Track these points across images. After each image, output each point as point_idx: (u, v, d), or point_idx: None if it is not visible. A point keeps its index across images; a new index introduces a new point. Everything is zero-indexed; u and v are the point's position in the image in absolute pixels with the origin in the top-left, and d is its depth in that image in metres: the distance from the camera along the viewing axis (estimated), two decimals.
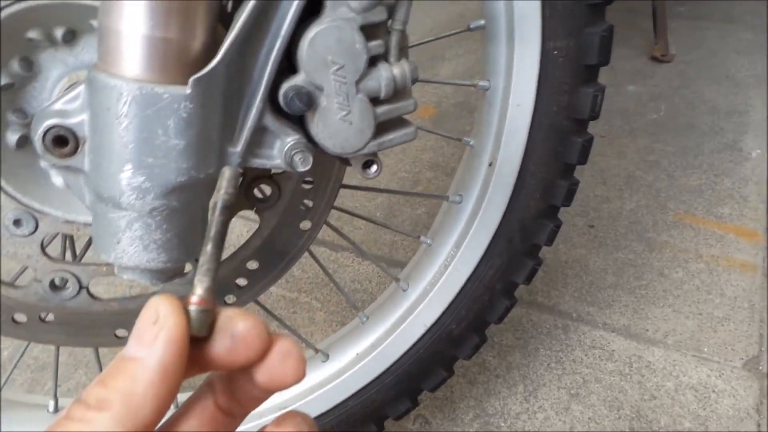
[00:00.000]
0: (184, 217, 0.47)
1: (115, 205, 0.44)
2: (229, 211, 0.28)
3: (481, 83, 0.70)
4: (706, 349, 1.05)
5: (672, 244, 1.25)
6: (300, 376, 0.28)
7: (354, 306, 0.81)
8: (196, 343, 0.26)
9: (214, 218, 0.27)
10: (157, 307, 0.25)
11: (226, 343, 0.26)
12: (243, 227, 1.34)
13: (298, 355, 0.28)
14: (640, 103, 1.72)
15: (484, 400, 1.00)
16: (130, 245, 0.45)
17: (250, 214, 1.35)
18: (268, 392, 0.29)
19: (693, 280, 1.17)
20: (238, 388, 0.29)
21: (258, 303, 0.70)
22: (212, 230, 0.27)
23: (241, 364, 0.27)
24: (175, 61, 0.43)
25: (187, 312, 0.26)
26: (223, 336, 0.27)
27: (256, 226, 0.61)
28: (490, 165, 0.72)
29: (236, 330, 0.26)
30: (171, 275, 0.51)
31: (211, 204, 0.28)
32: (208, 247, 0.27)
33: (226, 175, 0.28)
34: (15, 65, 0.52)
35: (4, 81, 0.52)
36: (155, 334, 0.25)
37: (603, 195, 1.39)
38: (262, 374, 0.27)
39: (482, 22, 0.67)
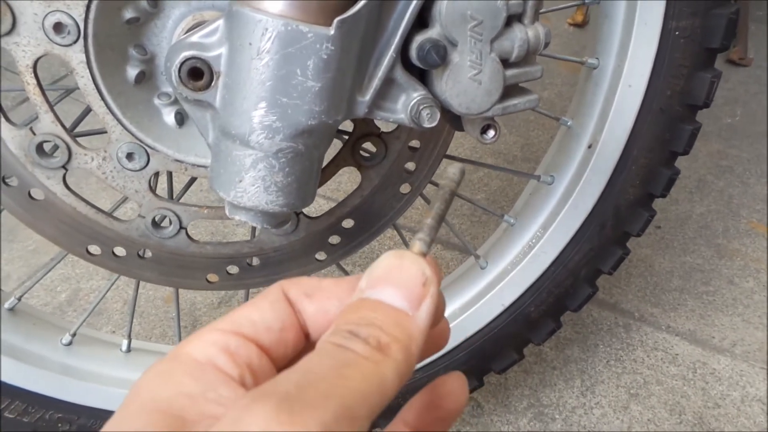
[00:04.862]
0: (306, 162, 0.46)
1: (243, 142, 0.44)
2: (452, 199, 0.29)
3: (590, 61, 0.68)
4: None
5: (744, 253, 1.21)
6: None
7: None
8: None
9: (440, 197, 0.29)
10: (424, 269, 0.25)
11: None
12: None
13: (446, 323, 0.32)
14: (714, 105, 1.64)
15: (539, 390, 0.99)
16: (252, 185, 0.45)
17: (326, 191, 1.35)
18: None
19: (764, 291, 1.13)
20: None
21: (339, 266, 0.70)
22: (435, 208, 0.28)
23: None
24: (319, 0, 0.42)
25: None
26: None
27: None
28: (589, 147, 0.69)
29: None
30: (282, 221, 0.50)
31: (440, 188, 0.30)
32: (429, 221, 0.28)
33: (459, 167, 0.30)
34: (143, 0, 0.52)
35: (132, 14, 0.52)
36: (424, 295, 0.25)
37: (672, 197, 1.35)
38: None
39: None
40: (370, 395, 0.21)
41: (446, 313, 0.84)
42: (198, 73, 0.44)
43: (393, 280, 0.25)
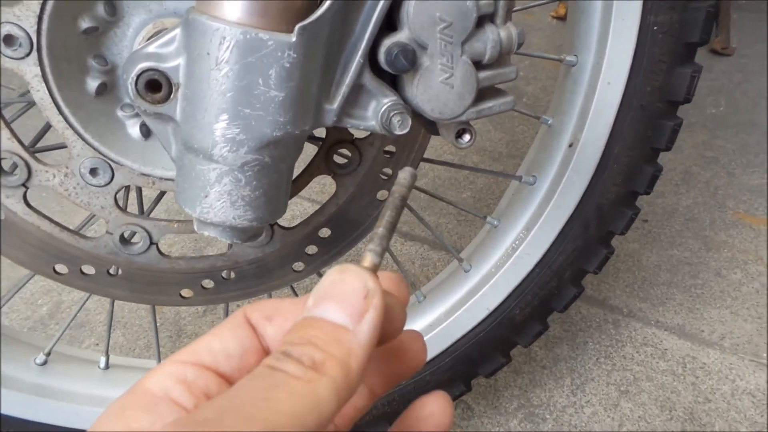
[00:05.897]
0: (274, 174, 0.44)
1: (206, 156, 0.42)
2: (403, 205, 0.28)
3: (568, 58, 0.67)
4: (765, 355, 1.01)
5: (731, 244, 1.20)
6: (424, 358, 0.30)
7: (412, 284, 0.78)
8: None
9: (391, 204, 0.28)
10: (366, 282, 0.24)
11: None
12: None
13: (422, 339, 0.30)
14: (699, 96, 1.65)
15: (529, 390, 0.98)
16: (218, 200, 0.43)
17: (311, 194, 1.33)
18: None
19: (752, 283, 1.12)
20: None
21: (320, 276, 0.68)
22: (387, 216, 0.27)
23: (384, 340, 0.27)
24: (279, 6, 0.40)
25: None
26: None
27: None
28: (570, 146, 0.68)
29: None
30: (252, 235, 0.49)
31: (390, 194, 0.29)
32: (380, 230, 0.27)
33: (409, 172, 0.29)
34: (100, 8, 0.50)
35: (89, 24, 0.50)
36: (365, 309, 0.24)
37: (658, 189, 1.34)
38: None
39: None
40: (302, 415, 0.21)
41: (430, 319, 0.81)
42: (156, 85, 0.42)
43: (334, 295, 0.24)
